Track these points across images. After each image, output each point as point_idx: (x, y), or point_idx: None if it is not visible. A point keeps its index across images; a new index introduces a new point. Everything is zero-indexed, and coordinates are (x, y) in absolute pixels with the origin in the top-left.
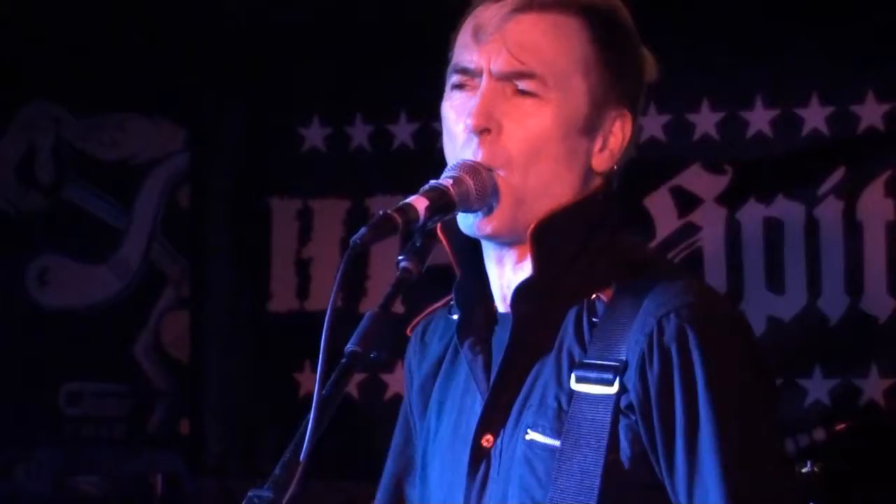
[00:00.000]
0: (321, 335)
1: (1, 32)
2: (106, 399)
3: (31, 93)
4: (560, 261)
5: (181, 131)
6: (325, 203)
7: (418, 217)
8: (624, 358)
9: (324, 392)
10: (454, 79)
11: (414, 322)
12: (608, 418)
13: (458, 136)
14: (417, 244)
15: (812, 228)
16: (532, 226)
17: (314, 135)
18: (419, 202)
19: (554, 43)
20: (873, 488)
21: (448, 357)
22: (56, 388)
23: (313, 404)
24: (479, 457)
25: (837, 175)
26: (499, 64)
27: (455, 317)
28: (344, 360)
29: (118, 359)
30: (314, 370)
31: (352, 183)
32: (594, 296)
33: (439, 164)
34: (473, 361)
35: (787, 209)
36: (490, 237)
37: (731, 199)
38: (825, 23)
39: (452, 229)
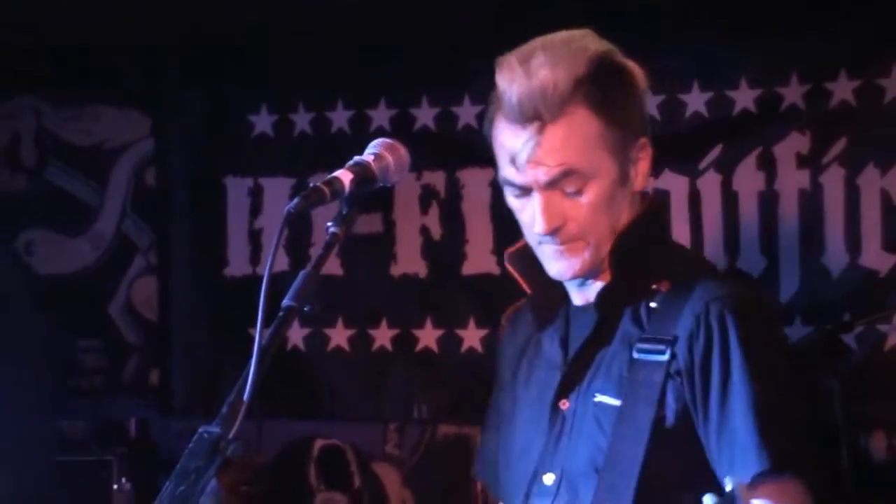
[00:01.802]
0: (269, 294)
1: None
2: (85, 354)
3: (15, 88)
4: (630, 268)
5: (147, 120)
6: (273, 181)
7: (344, 188)
8: (676, 333)
9: (263, 342)
10: (507, 188)
11: (507, 313)
12: (660, 379)
13: (533, 236)
14: (344, 212)
15: (695, 198)
16: (609, 248)
17: (263, 122)
18: (345, 175)
19: (574, 141)
20: None
21: (533, 343)
22: None
23: (254, 352)
24: (556, 417)
25: (716, 151)
26: (543, 179)
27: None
28: (281, 314)
29: (95, 318)
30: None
31: (296, 163)
32: (653, 287)
33: None
34: (552, 344)
35: (673, 181)
36: (577, 278)
37: None
38: (703, 21)
39: (517, 261)
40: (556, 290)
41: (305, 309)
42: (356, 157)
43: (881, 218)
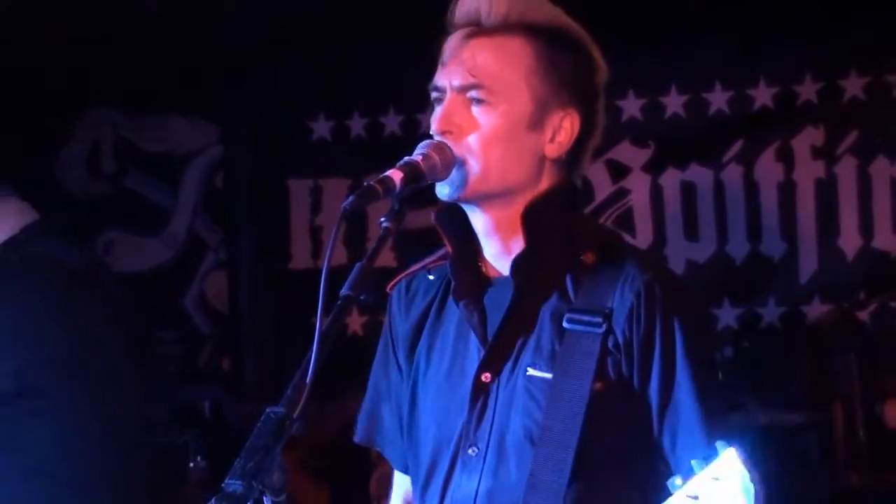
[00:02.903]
0: (328, 285)
1: (65, 54)
2: (162, 343)
3: (93, 101)
4: (546, 235)
5: (215, 128)
6: (331, 181)
7: (395, 186)
8: (611, 306)
9: (323, 328)
10: (432, 95)
11: (393, 282)
12: (596, 350)
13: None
14: (396, 208)
15: (719, 189)
16: (522, 210)
17: (321, 127)
18: (396, 174)
19: (499, 60)
20: (772, 388)
21: (433, 311)
22: None
23: (315, 338)
24: (478, 390)
25: (738, 146)
26: (457, 80)
27: (432, 278)
28: (339, 303)
29: (171, 311)
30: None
31: (352, 165)
32: (581, 258)
33: None
34: (470, 317)
35: (699, 174)
36: (460, 201)
37: (654, 168)
38: (724, 24)
39: (445, 218)
40: (472, 260)
41: (362, 298)
42: (406, 157)
43: (892, 204)
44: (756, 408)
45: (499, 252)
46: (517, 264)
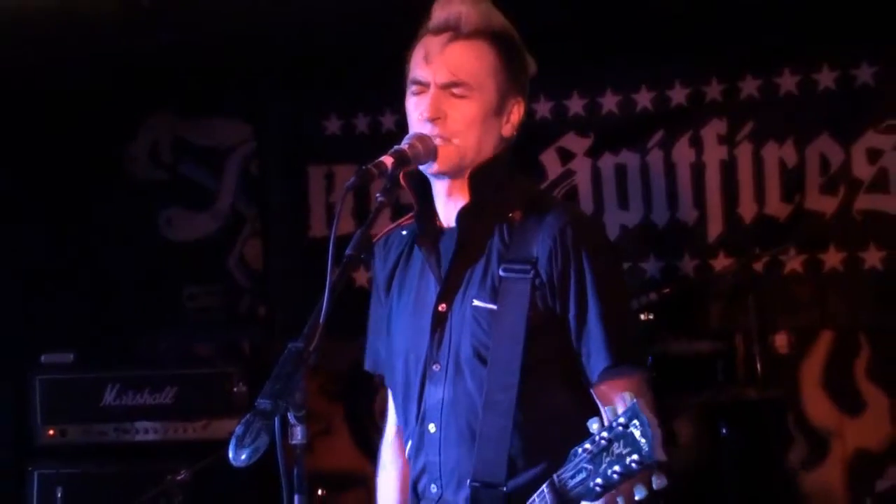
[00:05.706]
0: (336, 247)
1: (133, 71)
2: (211, 295)
3: (153, 106)
4: (485, 193)
5: (250, 128)
6: (341, 167)
7: (387, 169)
8: (535, 254)
9: (333, 280)
10: (412, 88)
11: (377, 238)
12: (528, 290)
13: (417, 123)
14: (388, 186)
15: (644, 169)
16: (469, 171)
17: (332, 125)
18: (387, 159)
19: (474, 60)
20: (684, 325)
21: (403, 258)
22: (180, 291)
23: (326, 287)
24: (437, 318)
25: (659, 135)
26: (441, 78)
27: (404, 233)
28: (344, 260)
29: (218, 270)
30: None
31: (358, 154)
32: (510, 215)
33: None
34: (429, 258)
35: (629, 158)
36: (441, 174)
37: (593, 153)
38: (646, 40)
39: (412, 181)
40: (431, 216)
41: (362, 256)
42: (395, 146)
43: (779, 178)
44: (674, 340)
45: (453, 210)
46: (462, 213)
